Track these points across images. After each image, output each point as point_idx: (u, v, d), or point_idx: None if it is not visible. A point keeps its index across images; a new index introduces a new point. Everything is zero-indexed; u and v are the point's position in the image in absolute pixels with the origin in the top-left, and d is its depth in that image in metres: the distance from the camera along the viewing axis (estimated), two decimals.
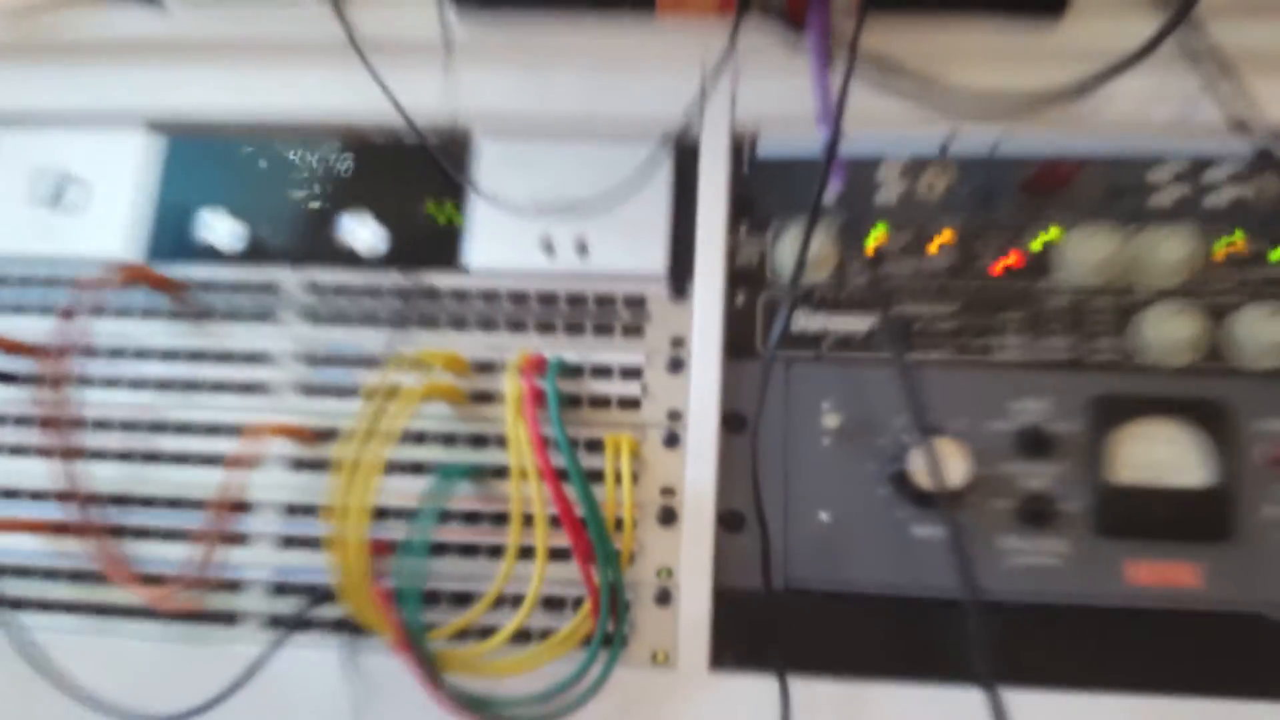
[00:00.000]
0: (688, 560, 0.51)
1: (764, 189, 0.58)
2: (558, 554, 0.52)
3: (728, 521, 0.53)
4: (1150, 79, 0.54)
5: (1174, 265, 0.54)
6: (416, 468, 0.55)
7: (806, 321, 0.56)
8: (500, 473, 0.54)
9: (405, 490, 0.54)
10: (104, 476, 0.56)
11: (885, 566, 0.52)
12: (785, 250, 0.56)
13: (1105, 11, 0.55)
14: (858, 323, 0.55)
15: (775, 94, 0.57)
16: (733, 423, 0.54)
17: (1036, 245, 0.55)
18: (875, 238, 0.56)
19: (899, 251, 0.56)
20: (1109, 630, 0.51)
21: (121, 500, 0.56)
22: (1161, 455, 0.52)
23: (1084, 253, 0.54)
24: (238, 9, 0.59)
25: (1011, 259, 0.55)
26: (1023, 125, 0.56)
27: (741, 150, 0.58)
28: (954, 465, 0.50)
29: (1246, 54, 0.54)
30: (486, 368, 0.56)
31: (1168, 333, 0.53)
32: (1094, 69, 0.53)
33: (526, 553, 0.50)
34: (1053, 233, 0.55)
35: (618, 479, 0.52)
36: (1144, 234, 0.54)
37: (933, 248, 0.56)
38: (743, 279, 0.57)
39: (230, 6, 0.59)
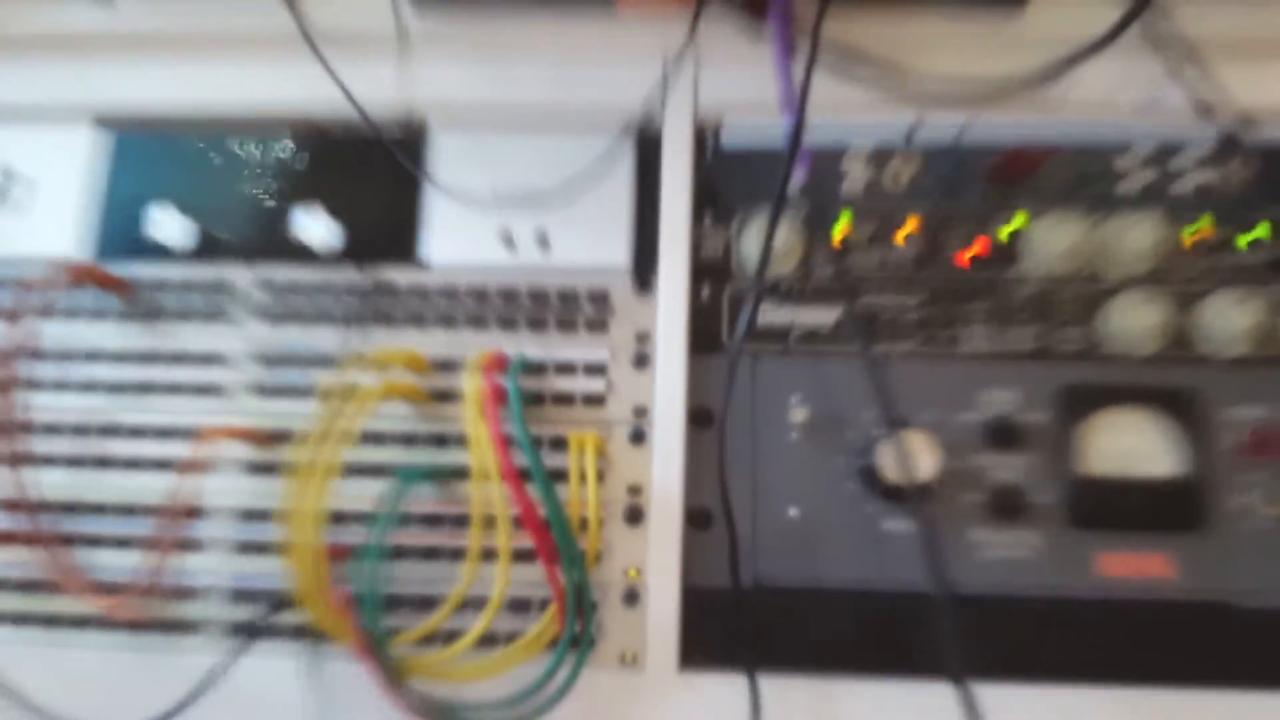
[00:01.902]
0: (655, 559, 0.50)
1: (728, 179, 0.57)
2: (523, 555, 0.51)
3: (695, 519, 0.52)
4: (1115, 65, 0.54)
5: (1141, 252, 0.53)
6: (376, 470, 0.53)
7: (773, 314, 0.55)
8: (462, 474, 0.53)
9: (364, 493, 0.53)
10: (54, 483, 0.55)
11: (855, 562, 0.51)
12: (750, 242, 0.55)
13: (1068, 4, 0.55)
14: (824, 315, 0.54)
15: (737, 82, 0.56)
16: (700, 418, 0.53)
17: (1003, 234, 0.55)
18: (840, 228, 0.55)
19: (865, 242, 0.55)
20: (1081, 622, 0.50)
21: (72, 507, 0.54)
22: (1131, 445, 0.52)
23: (1050, 241, 0.53)
24: (187, 2, 0.57)
25: (978, 248, 0.54)
26: (988, 113, 0.55)
27: (705, 140, 0.57)
28: (923, 458, 0.49)
29: (1211, 39, 0.54)
30: (447, 366, 0.55)
31: (1135, 321, 0.52)
32: (1058, 56, 0.53)
33: (491, 555, 0.49)
34: (1019, 220, 0.54)
35: (582, 478, 0.51)
36: (1111, 221, 0.54)
37: (899, 238, 0.55)
38: (708, 272, 0.56)
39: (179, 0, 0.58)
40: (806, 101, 0.48)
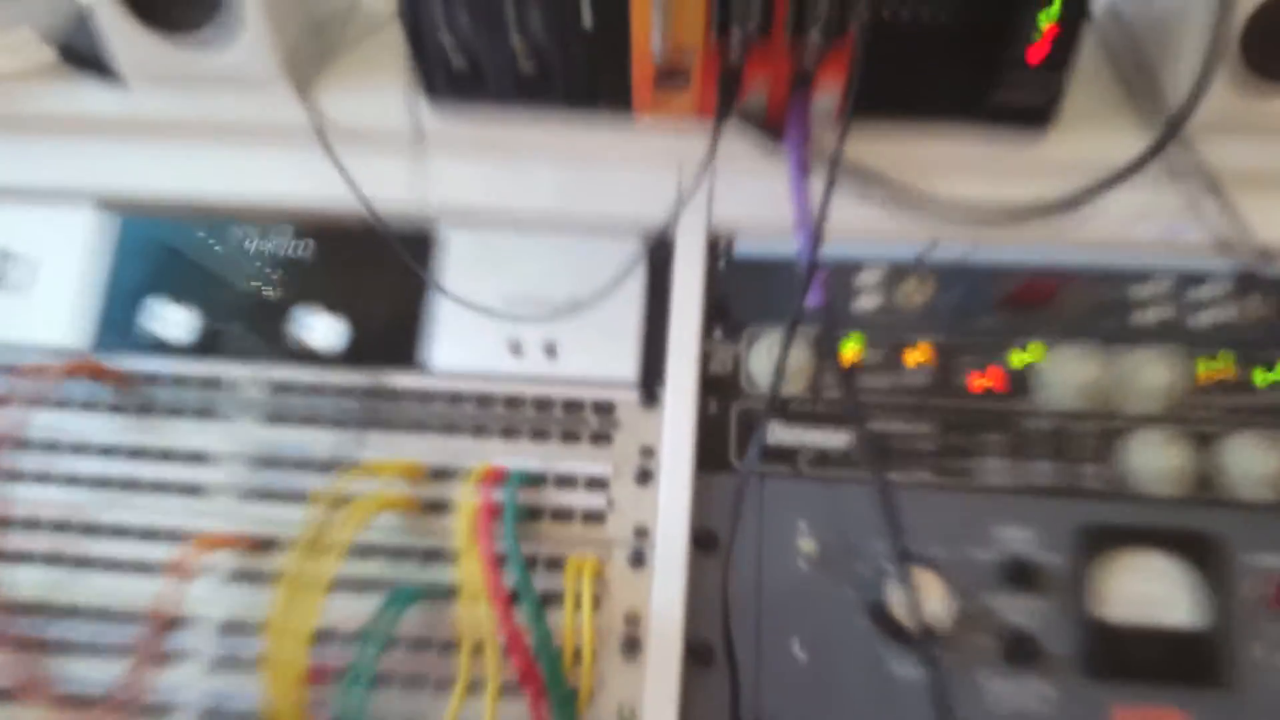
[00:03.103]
0: (652, 699, 0.48)
1: (739, 291, 0.56)
2: (514, 688, 0.48)
3: (697, 654, 0.49)
4: (1136, 194, 0.53)
5: (1159, 390, 0.52)
6: (362, 585, 0.51)
7: (782, 434, 0.53)
8: (454, 593, 0.51)
9: (349, 610, 0.51)
10: (27, 581, 0.53)
11: (862, 708, 0.48)
12: (760, 358, 0.54)
13: (1092, 125, 0.54)
14: (835, 438, 0.53)
15: (752, 197, 0.56)
16: (703, 541, 0.51)
17: (1017, 363, 0.53)
18: (851, 349, 0.54)
19: (876, 365, 0.54)
20: None
21: (44, 609, 0.52)
22: (1150, 590, 0.50)
23: (1066, 375, 0.52)
24: (201, 89, 0.57)
25: (992, 378, 0.53)
26: (1006, 237, 0.54)
27: (717, 248, 0.57)
28: (934, 601, 0.47)
29: (1233, 173, 0.53)
30: (444, 474, 0.53)
31: (1154, 461, 0.51)
32: (1079, 183, 0.52)
33: (481, 685, 0.47)
34: (1034, 352, 0.53)
35: (578, 604, 0.49)
36: (1127, 356, 0.52)
37: (910, 361, 0.54)
38: (716, 387, 0.54)
39: (193, 86, 0.57)
40: (823, 230, 0.47)
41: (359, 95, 0.57)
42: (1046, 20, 0.48)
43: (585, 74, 0.53)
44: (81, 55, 0.58)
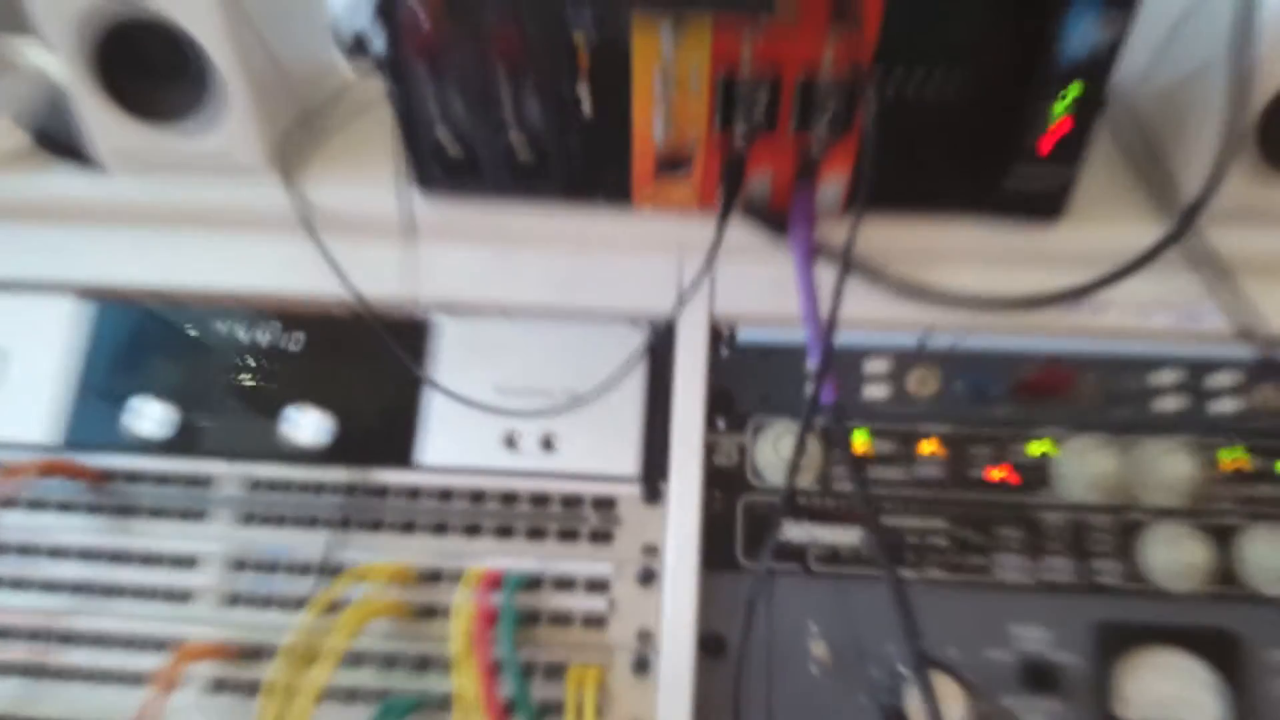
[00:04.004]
0: None
1: (743, 379, 0.54)
2: None
3: None
4: (1149, 282, 0.52)
5: (1177, 482, 0.50)
6: (352, 694, 0.49)
7: (791, 531, 0.51)
8: (446, 703, 0.49)
9: None
10: (1, 694, 0.50)
11: None
12: (766, 450, 0.52)
13: (1103, 212, 0.53)
14: (845, 534, 0.51)
15: (755, 285, 0.54)
16: (711, 646, 0.49)
17: (1032, 454, 0.52)
18: (861, 440, 0.52)
19: (887, 456, 0.52)
20: None
21: None
22: (1171, 690, 0.48)
23: (1082, 467, 0.50)
24: (184, 176, 0.55)
25: (1005, 471, 0.51)
26: (1018, 326, 0.53)
27: (719, 334, 0.55)
28: (953, 707, 0.46)
29: (1247, 260, 0.52)
30: (435, 576, 0.51)
31: (1173, 557, 0.49)
32: (1091, 271, 0.51)
33: None
34: (1048, 443, 0.52)
35: (579, 716, 0.47)
36: (1144, 447, 0.51)
37: (922, 452, 0.52)
38: (720, 480, 0.52)
39: (176, 173, 0.55)
40: (834, 331, 0.45)
41: (348, 183, 0.55)
42: (1059, 112, 0.46)
43: (583, 164, 0.51)
44: (57, 141, 0.56)
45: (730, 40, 0.44)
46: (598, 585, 0.50)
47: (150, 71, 0.52)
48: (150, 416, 0.53)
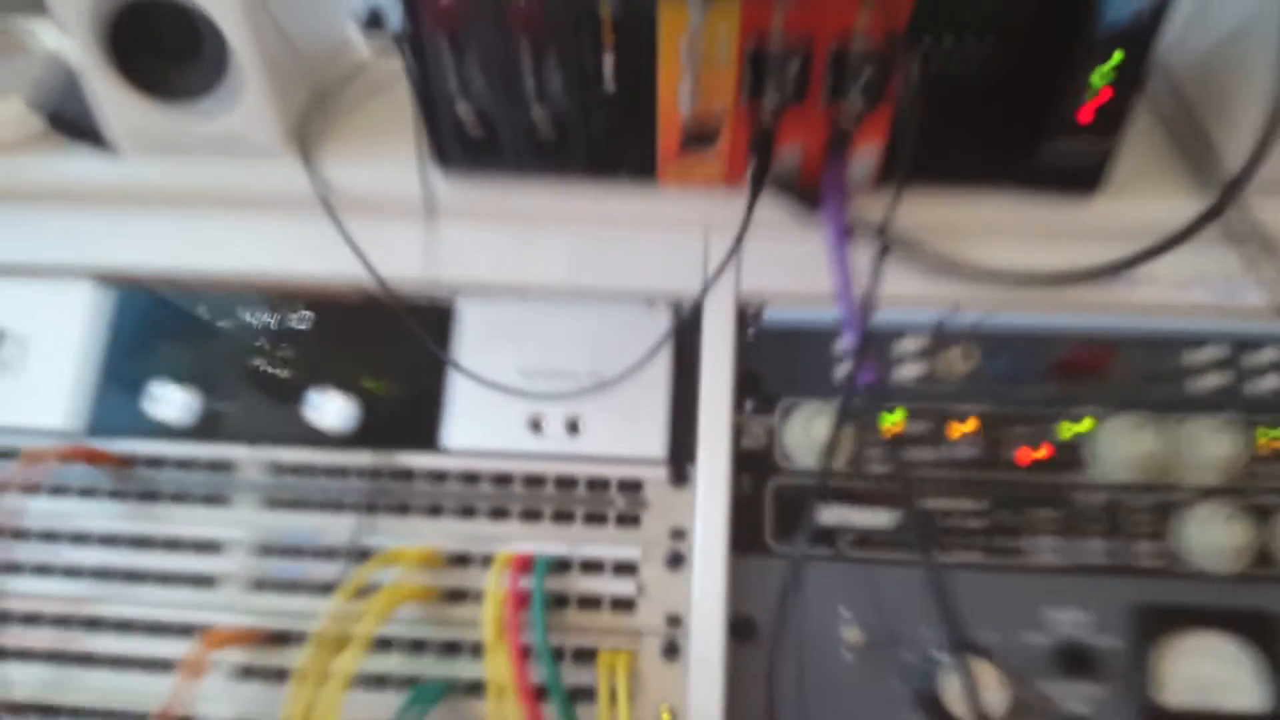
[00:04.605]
0: None
1: (771, 360, 0.53)
2: None
3: None
4: (1189, 257, 0.50)
5: (1217, 461, 0.49)
6: (381, 680, 0.49)
7: (823, 514, 0.50)
8: (476, 688, 0.48)
9: (369, 708, 0.48)
10: (26, 680, 0.50)
11: None
12: (796, 432, 0.51)
13: (1142, 185, 0.51)
14: (878, 517, 0.50)
15: (783, 262, 0.53)
16: (741, 629, 0.49)
17: (1067, 434, 0.51)
18: (894, 422, 0.51)
19: (920, 436, 0.51)
20: None
21: (46, 710, 0.49)
22: (1211, 673, 0.47)
23: (1119, 447, 0.49)
24: (200, 158, 0.54)
25: (1042, 452, 0.50)
26: (1053, 303, 0.52)
27: (746, 315, 0.54)
28: (990, 691, 0.45)
29: None
30: (463, 560, 0.50)
31: (1214, 538, 0.48)
32: (1129, 246, 0.50)
33: None
34: (1085, 423, 0.51)
35: (612, 697, 0.46)
36: (1183, 427, 0.50)
37: (956, 433, 0.51)
38: (749, 463, 0.51)
39: (192, 155, 0.54)
40: (870, 315, 0.44)
41: (367, 163, 0.54)
42: (1100, 79, 0.45)
43: (606, 140, 0.50)
44: (72, 123, 0.55)
45: (761, 9, 0.43)
46: (626, 568, 0.50)
47: (164, 51, 0.51)
48: (171, 401, 0.53)
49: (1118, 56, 0.44)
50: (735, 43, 0.44)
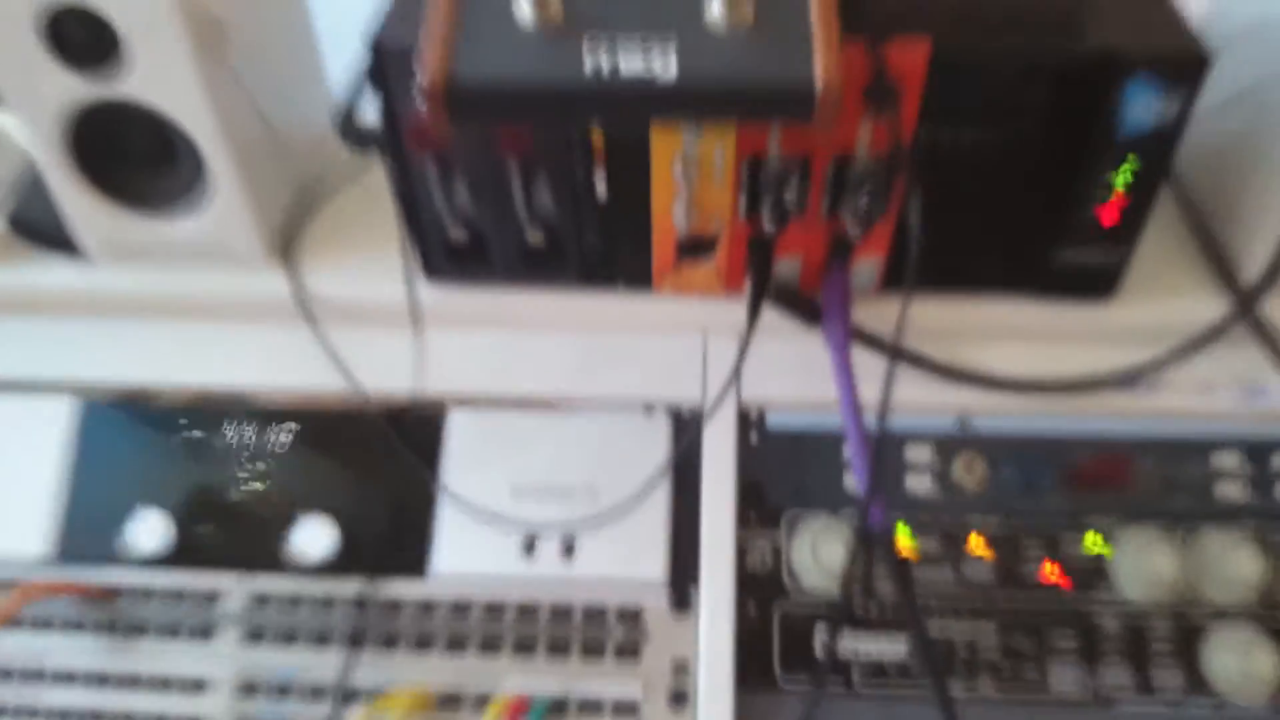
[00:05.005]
0: None
1: (774, 468, 0.50)
2: None
3: None
4: (1208, 360, 0.48)
5: (1242, 580, 0.47)
6: None
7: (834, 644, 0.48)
8: None
9: None
10: None
11: None
12: (803, 552, 0.48)
13: (1157, 288, 0.49)
14: (891, 646, 0.47)
15: (784, 368, 0.51)
16: None
17: (1087, 550, 0.48)
18: (904, 540, 0.49)
19: (932, 556, 0.49)
20: None
21: None
22: None
23: (1139, 565, 0.47)
24: (175, 266, 0.52)
25: (1059, 570, 0.48)
26: (1070, 409, 0.50)
27: (748, 420, 0.51)
28: None
29: None
30: (454, 701, 0.47)
31: (1242, 665, 0.45)
32: (1146, 348, 0.48)
33: None
34: (1103, 542, 0.48)
35: None
36: (1206, 540, 0.47)
37: (968, 552, 0.49)
38: (754, 586, 0.49)
39: (166, 262, 0.52)
40: (877, 451, 0.42)
41: (351, 268, 0.52)
42: (1114, 188, 0.43)
43: (600, 249, 0.48)
44: (36, 228, 0.53)
45: (757, 129, 0.41)
46: (626, 709, 0.47)
47: (134, 156, 0.49)
48: (147, 526, 0.50)
49: (1134, 165, 0.42)
50: (731, 161, 0.42)
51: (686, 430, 0.51)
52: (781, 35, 0.33)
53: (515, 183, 0.44)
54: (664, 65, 0.33)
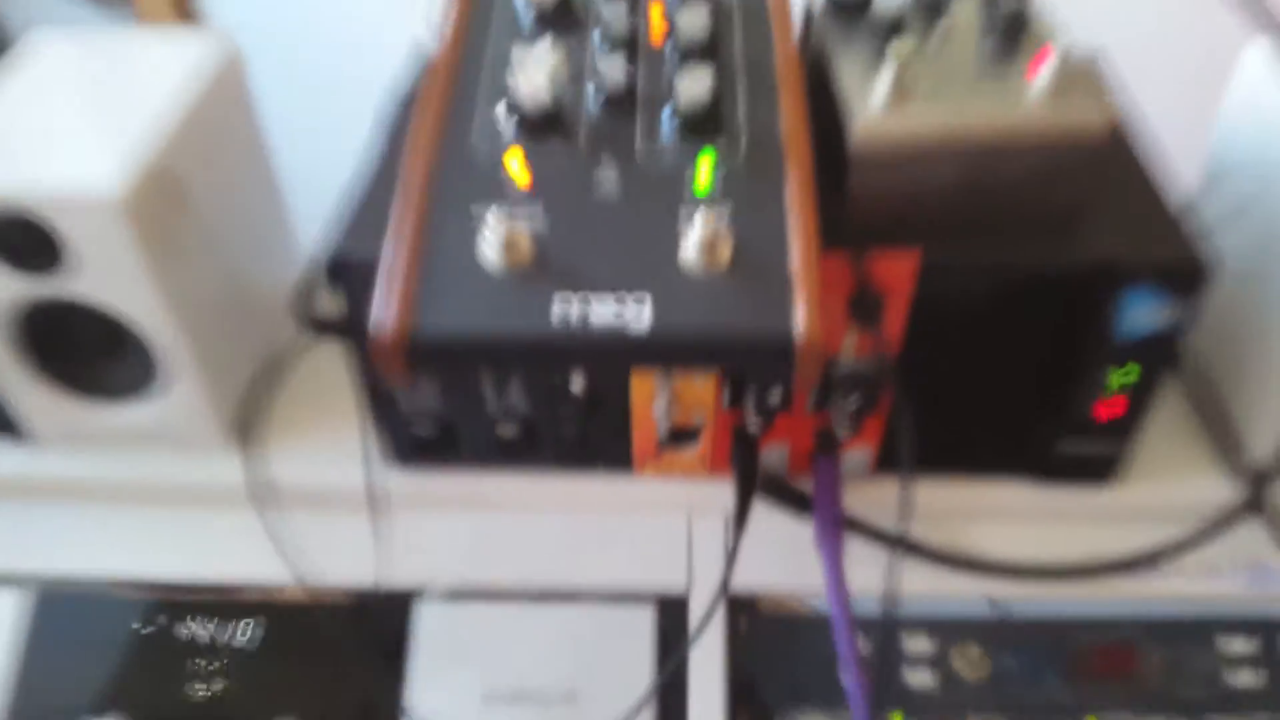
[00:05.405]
0: None
1: (766, 661, 0.48)
2: None
3: None
4: (1216, 542, 0.46)
5: None
6: None
7: None
8: None
9: None
10: None
11: None
12: None
13: (1163, 468, 0.47)
14: None
15: (776, 553, 0.48)
16: None
17: None
18: None
19: None
20: None
21: None
22: None
23: None
24: (128, 451, 0.49)
25: None
26: (1071, 595, 0.47)
27: (736, 608, 0.49)
28: None
29: None
30: None
31: None
32: (1151, 530, 0.46)
33: None
34: None
35: None
36: None
37: None
38: None
39: (118, 447, 0.49)
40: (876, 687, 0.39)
41: (311, 450, 0.49)
42: (1119, 383, 0.41)
43: (577, 437, 0.46)
44: None
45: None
46: None
47: (84, 346, 0.47)
48: None
49: (1135, 368, 0.40)
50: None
51: (671, 621, 0.48)
52: (761, 283, 0.31)
53: (487, 384, 0.42)
54: (637, 314, 0.31)
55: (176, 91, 0.45)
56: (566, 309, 0.31)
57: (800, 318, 0.31)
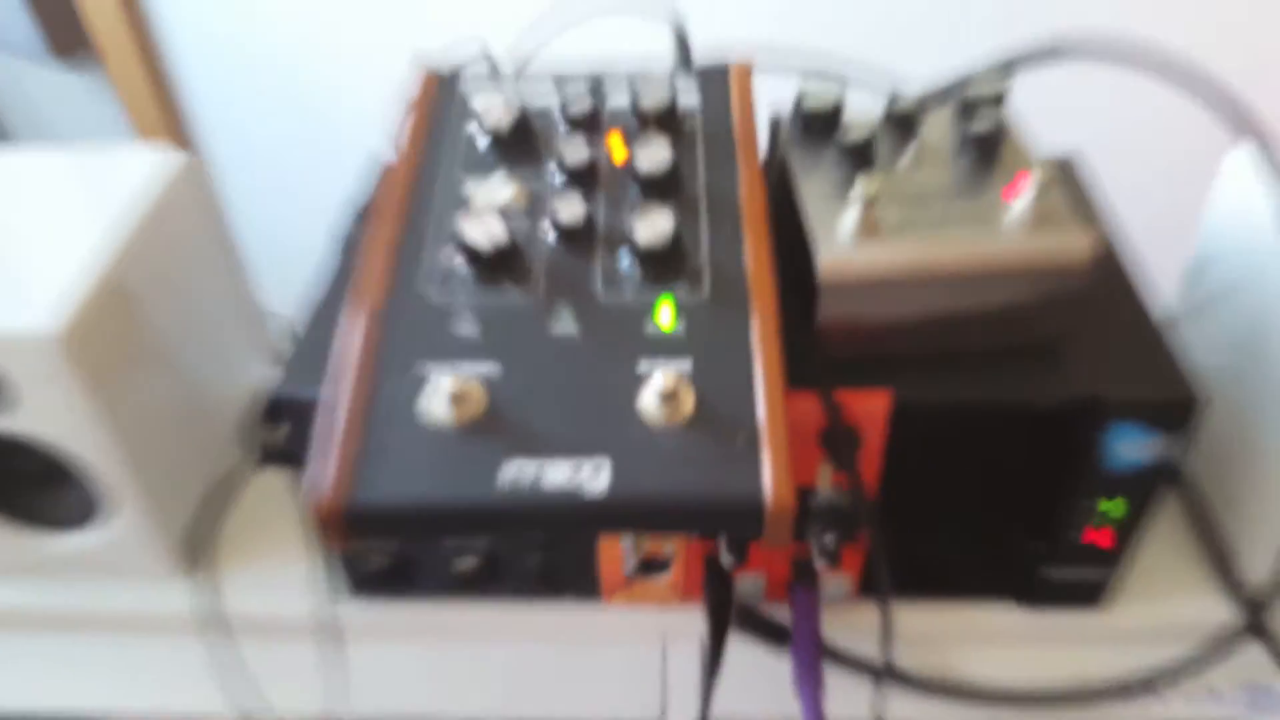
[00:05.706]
0: None
1: None
2: None
3: None
4: (1215, 665, 0.44)
5: None
6: None
7: None
8: None
9: None
10: None
11: None
12: None
13: (1153, 587, 0.45)
14: None
15: (753, 680, 0.46)
16: None
17: None
18: None
19: None
20: None
21: None
22: None
23: None
24: (70, 581, 0.46)
25: None
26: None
27: None
28: None
29: None
30: None
31: None
32: (1143, 650, 0.43)
33: None
34: None
35: None
36: None
37: None
38: None
39: (60, 576, 0.46)
40: None
41: (261, 577, 0.47)
42: (1108, 513, 0.39)
43: (540, 568, 0.43)
44: None
45: None
46: None
47: (25, 477, 0.44)
48: None
49: (1123, 500, 0.38)
50: None
51: None
52: (726, 437, 0.29)
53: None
54: (593, 474, 0.29)
55: (131, 205, 0.44)
56: (518, 471, 0.29)
57: (768, 477, 0.29)
